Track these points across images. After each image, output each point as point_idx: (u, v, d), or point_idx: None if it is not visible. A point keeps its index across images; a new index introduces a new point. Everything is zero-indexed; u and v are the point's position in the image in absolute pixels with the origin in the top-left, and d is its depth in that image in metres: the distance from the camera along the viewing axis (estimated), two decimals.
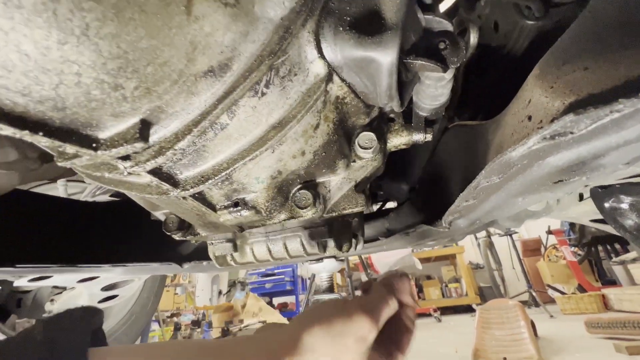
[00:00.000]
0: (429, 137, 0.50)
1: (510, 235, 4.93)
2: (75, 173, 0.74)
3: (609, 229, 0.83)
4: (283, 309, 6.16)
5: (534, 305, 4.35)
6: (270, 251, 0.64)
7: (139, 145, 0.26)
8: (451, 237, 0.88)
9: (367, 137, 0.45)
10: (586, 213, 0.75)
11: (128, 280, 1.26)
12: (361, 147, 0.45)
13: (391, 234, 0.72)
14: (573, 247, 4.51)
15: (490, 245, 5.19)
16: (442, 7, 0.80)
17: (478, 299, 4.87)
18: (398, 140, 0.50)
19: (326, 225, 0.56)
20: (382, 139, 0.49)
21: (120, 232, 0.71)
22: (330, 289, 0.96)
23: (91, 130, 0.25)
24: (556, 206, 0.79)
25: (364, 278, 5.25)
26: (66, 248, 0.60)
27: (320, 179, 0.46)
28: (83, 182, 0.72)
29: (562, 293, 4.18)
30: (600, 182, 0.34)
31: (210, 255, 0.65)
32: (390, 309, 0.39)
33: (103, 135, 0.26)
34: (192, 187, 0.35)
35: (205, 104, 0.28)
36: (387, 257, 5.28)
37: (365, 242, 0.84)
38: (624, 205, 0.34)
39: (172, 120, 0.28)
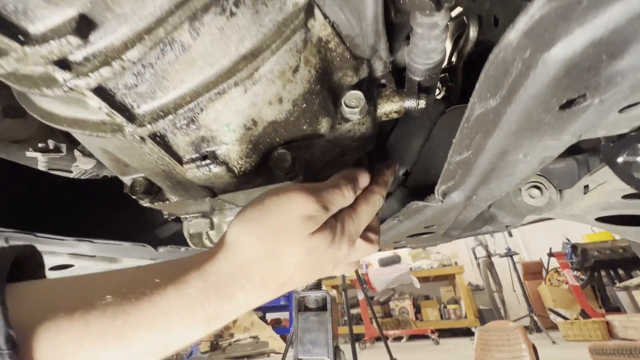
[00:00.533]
0: (422, 104, 0.46)
1: (511, 256, 4.82)
2: (60, 151, 0.70)
3: (615, 229, 0.77)
4: (276, 325, 5.94)
5: (536, 331, 4.19)
6: None
7: (74, 41, 0.22)
8: (448, 234, 0.83)
9: (354, 96, 0.42)
10: (591, 209, 0.70)
11: None
12: (347, 106, 0.42)
13: (382, 222, 0.67)
14: (575, 271, 4.39)
15: (490, 266, 5.06)
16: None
17: (477, 322, 4.69)
18: (389, 106, 0.47)
19: None
20: (371, 102, 0.46)
21: (92, 207, 0.67)
22: (317, 286, 0.90)
23: (20, 18, 0.22)
24: (559, 201, 0.74)
25: (360, 296, 5.09)
26: (29, 216, 0.55)
27: (302, 142, 0.42)
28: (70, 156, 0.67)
29: (565, 318, 4.03)
30: (614, 129, 0.29)
31: (185, 233, 0.60)
32: (342, 195, 0.36)
33: (34, 28, 0.22)
34: (150, 123, 0.31)
35: (160, 9, 0.25)
36: (384, 274, 5.15)
37: None
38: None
39: (121, 25, 0.24)
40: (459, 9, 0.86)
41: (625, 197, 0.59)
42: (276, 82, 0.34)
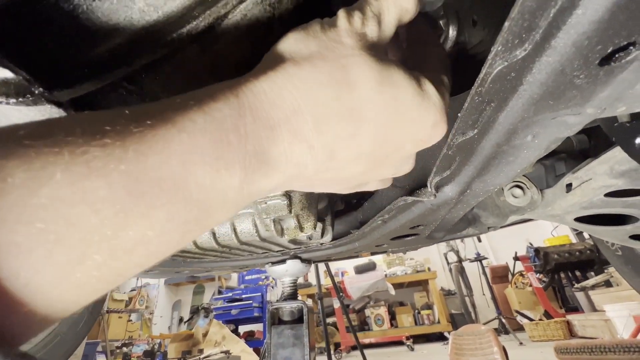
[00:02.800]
0: None
1: (480, 260, 5.00)
2: None
3: (593, 230, 0.78)
4: (249, 337, 5.69)
5: (504, 333, 4.33)
6: (214, 234, 0.50)
7: None
8: (432, 237, 0.79)
9: None
10: (572, 208, 0.69)
11: None
12: None
13: (364, 223, 0.61)
14: (538, 274, 4.62)
15: (462, 270, 5.21)
16: None
17: (450, 326, 4.78)
18: None
19: (285, 196, 0.44)
20: None
21: None
22: (293, 296, 0.82)
23: None
24: (541, 201, 0.73)
25: (337, 304, 5.01)
26: None
27: None
28: None
29: (530, 319, 4.21)
30: (635, 104, 0.26)
31: None
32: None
33: None
34: None
35: None
36: (359, 282, 5.12)
37: (336, 238, 0.72)
38: None
39: None
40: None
41: (608, 195, 0.59)
42: None
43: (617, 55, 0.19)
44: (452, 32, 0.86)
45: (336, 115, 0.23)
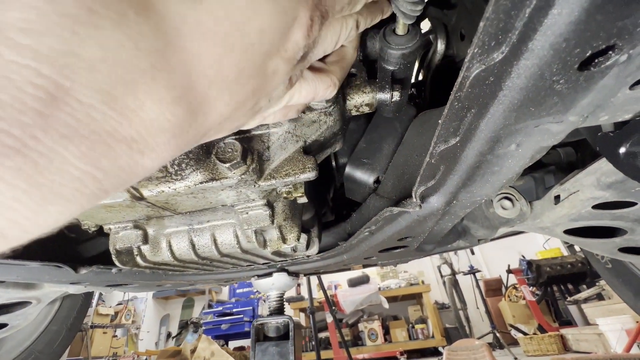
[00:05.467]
0: (397, 96, 0.41)
1: (474, 273, 4.97)
2: None
3: (582, 242, 0.77)
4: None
5: (498, 347, 4.27)
6: (194, 246, 0.48)
7: None
8: (421, 249, 0.78)
9: None
10: (561, 220, 0.69)
11: (24, 302, 0.98)
12: None
13: (351, 235, 0.60)
14: (531, 287, 4.61)
15: (455, 284, 5.17)
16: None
17: (444, 341, 4.70)
18: (360, 97, 0.41)
19: (267, 206, 0.43)
20: (339, 91, 0.40)
21: None
22: (279, 310, 0.78)
23: None
24: (530, 213, 0.73)
25: (329, 318, 4.90)
26: None
27: (255, 132, 0.34)
28: None
29: (524, 333, 4.16)
30: (618, 113, 0.25)
31: (111, 248, 0.47)
32: None
33: None
34: None
35: None
36: (353, 295, 5.03)
37: (323, 250, 0.70)
38: None
39: None
40: (428, 25, 0.86)
41: (596, 207, 0.58)
42: None
43: (596, 60, 0.19)
44: (440, 46, 0.87)
45: None
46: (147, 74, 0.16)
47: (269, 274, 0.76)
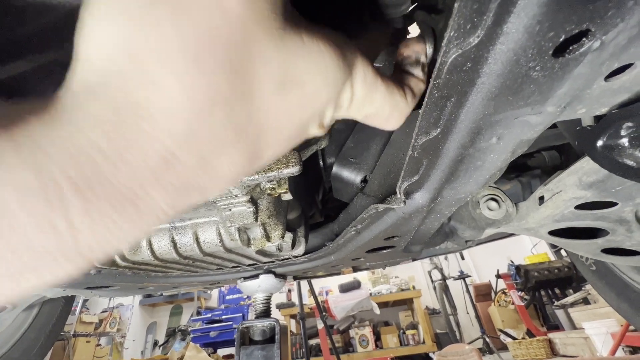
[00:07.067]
0: None
1: (464, 278, 5.01)
2: None
3: (566, 243, 0.78)
4: None
5: (488, 352, 4.29)
6: (175, 244, 0.46)
7: None
8: (409, 250, 0.77)
9: None
10: (546, 221, 0.70)
11: None
12: None
13: (338, 235, 0.59)
14: (520, 291, 4.67)
15: (446, 289, 5.19)
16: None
17: (435, 346, 4.69)
18: None
19: (250, 202, 0.42)
20: None
21: None
22: (266, 313, 0.76)
23: None
24: (516, 214, 0.74)
25: (320, 324, 4.85)
26: None
27: None
28: None
29: (513, 338, 4.20)
30: (595, 106, 0.26)
31: None
32: None
33: None
34: None
35: None
36: (344, 301, 5.00)
37: (311, 251, 0.70)
38: (624, 140, 0.26)
39: None
40: (417, 30, 0.87)
41: (578, 207, 0.59)
42: None
43: (570, 48, 0.19)
44: (429, 50, 0.88)
45: None
46: (233, 144, 0.20)
47: (256, 276, 0.74)
